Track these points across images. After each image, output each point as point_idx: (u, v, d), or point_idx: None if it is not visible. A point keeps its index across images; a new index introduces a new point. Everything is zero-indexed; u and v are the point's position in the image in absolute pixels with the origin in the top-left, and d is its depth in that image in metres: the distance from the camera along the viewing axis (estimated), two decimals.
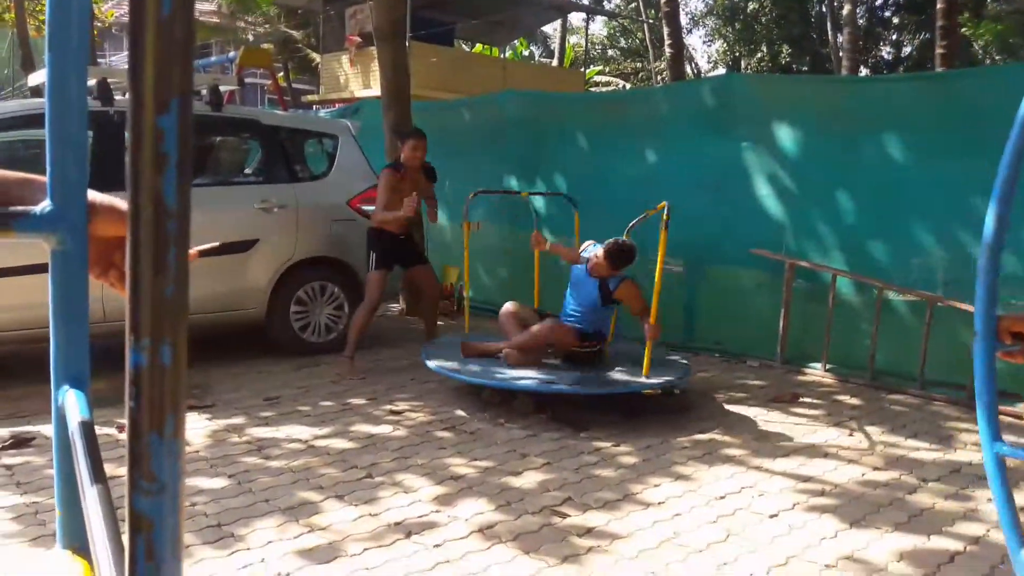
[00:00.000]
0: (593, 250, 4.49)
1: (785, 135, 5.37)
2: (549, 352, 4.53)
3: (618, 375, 4.30)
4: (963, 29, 15.40)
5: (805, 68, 24.11)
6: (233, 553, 2.57)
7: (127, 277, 0.35)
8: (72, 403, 0.81)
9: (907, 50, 23.90)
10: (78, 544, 0.87)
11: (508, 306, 4.70)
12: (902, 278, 4.80)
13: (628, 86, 23.75)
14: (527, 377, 4.16)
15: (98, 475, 0.64)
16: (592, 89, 21.18)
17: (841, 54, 15.92)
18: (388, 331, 6.37)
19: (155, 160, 0.34)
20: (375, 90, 11.23)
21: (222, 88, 5.54)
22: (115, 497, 0.61)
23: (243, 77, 12.40)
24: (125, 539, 0.39)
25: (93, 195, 0.85)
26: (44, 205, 0.81)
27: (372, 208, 5.54)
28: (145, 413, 0.36)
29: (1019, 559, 1.35)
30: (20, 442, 3.56)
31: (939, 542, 2.76)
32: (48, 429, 3.70)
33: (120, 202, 0.86)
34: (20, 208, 0.81)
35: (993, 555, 2.66)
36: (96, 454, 0.69)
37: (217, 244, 4.78)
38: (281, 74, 16.64)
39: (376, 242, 5.04)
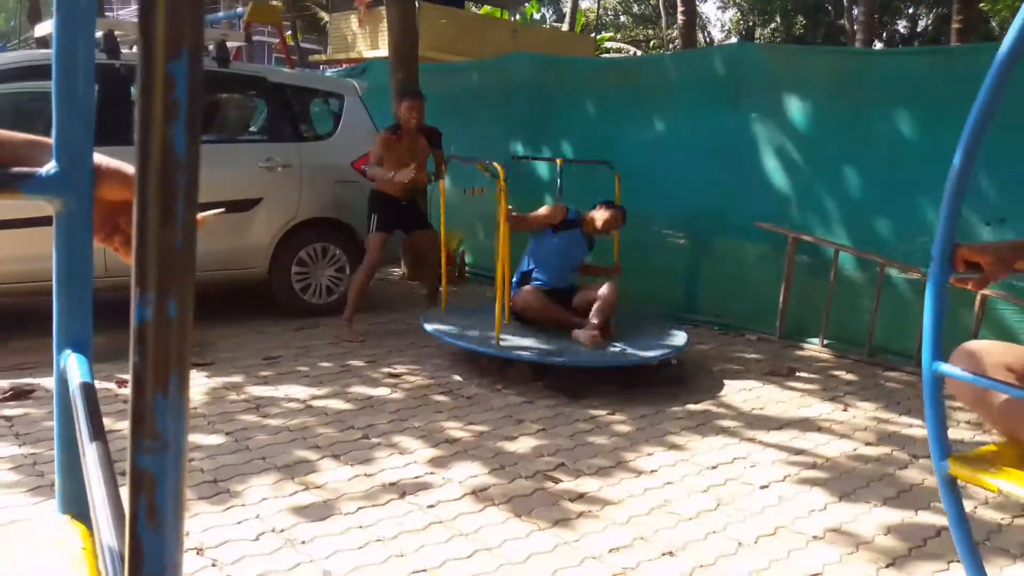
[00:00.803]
0: (575, 211, 4.60)
1: (795, 107, 5.32)
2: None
3: (617, 346, 4.31)
4: (981, 4, 15.15)
5: (819, 40, 23.78)
6: (228, 508, 2.60)
7: (134, 230, 0.34)
8: (74, 367, 0.81)
9: (923, 24, 23.54)
10: (77, 510, 0.88)
11: (532, 293, 4.53)
12: (905, 255, 4.78)
13: (639, 53, 23.46)
14: (526, 348, 4.17)
15: (99, 439, 0.65)
16: (602, 55, 20.93)
17: (856, 27, 15.69)
18: (389, 295, 6.39)
19: (165, 108, 0.33)
20: (383, 51, 11.12)
21: (229, 44, 5.50)
22: (114, 455, 0.62)
23: (251, 34, 12.26)
24: (125, 501, 0.39)
25: (99, 158, 0.84)
26: (50, 167, 0.81)
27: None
28: (149, 369, 0.35)
29: (941, 466, 1.52)
30: (20, 394, 3.60)
31: (926, 517, 2.79)
32: (49, 382, 3.74)
33: (126, 166, 0.85)
34: (26, 169, 0.81)
35: (979, 531, 2.69)
36: (97, 418, 0.69)
37: (221, 210, 4.77)
38: (289, 32, 16.46)
39: (378, 204, 5.03)
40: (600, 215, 4.53)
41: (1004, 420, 1.61)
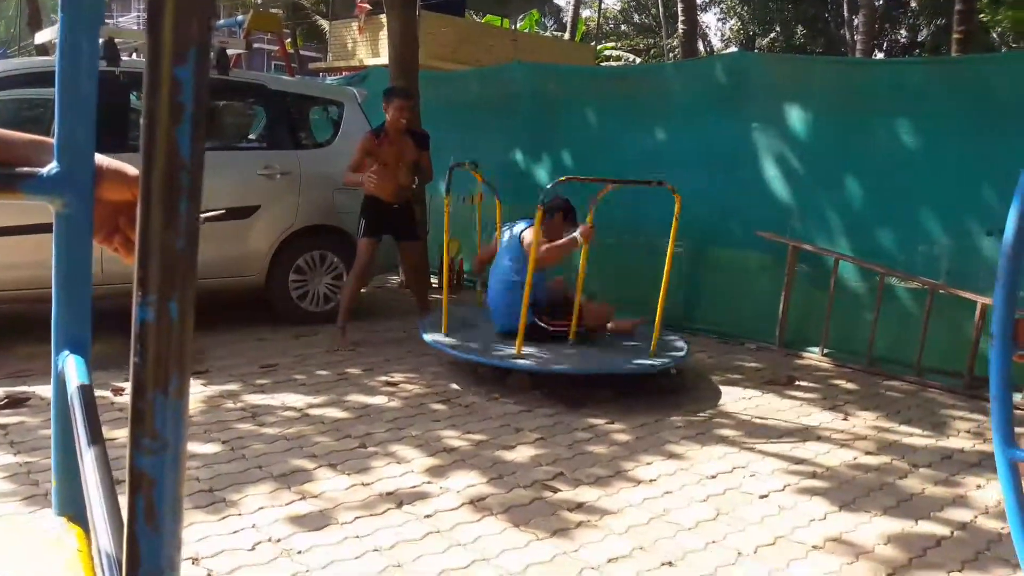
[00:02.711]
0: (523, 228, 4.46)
1: (795, 116, 5.32)
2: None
3: (615, 355, 4.30)
4: (981, 15, 15.18)
5: (819, 50, 23.85)
6: (225, 518, 2.58)
7: (137, 231, 0.34)
8: (72, 368, 0.81)
9: (923, 34, 23.61)
10: (73, 512, 0.88)
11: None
12: (906, 264, 4.77)
13: (639, 62, 23.52)
14: (524, 356, 4.16)
15: (96, 441, 0.65)
16: (603, 64, 20.98)
17: (856, 36, 15.73)
18: (386, 303, 6.38)
19: (171, 111, 0.33)
20: (383, 59, 11.14)
21: (229, 51, 5.50)
22: (112, 463, 0.61)
23: (251, 41, 12.30)
24: (123, 502, 0.39)
25: (100, 159, 0.84)
26: (51, 167, 0.81)
27: None
28: (150, 370, 0.35)
29: None
30: (15, 402, 3.58)
31: (927, 527, 2.77)
32: (44, 390, 3.72)
33: (127, 166, 0.85)
34: (27, 169, 0.81)
35: (979, 541, 2.67)
36: (95, 420, 0.69)
37: (222, 211, 4.76)
38: (289, 40, 16.51)
39: (367, 209, 5.02)
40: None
41: None
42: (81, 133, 0.82)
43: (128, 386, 0.36)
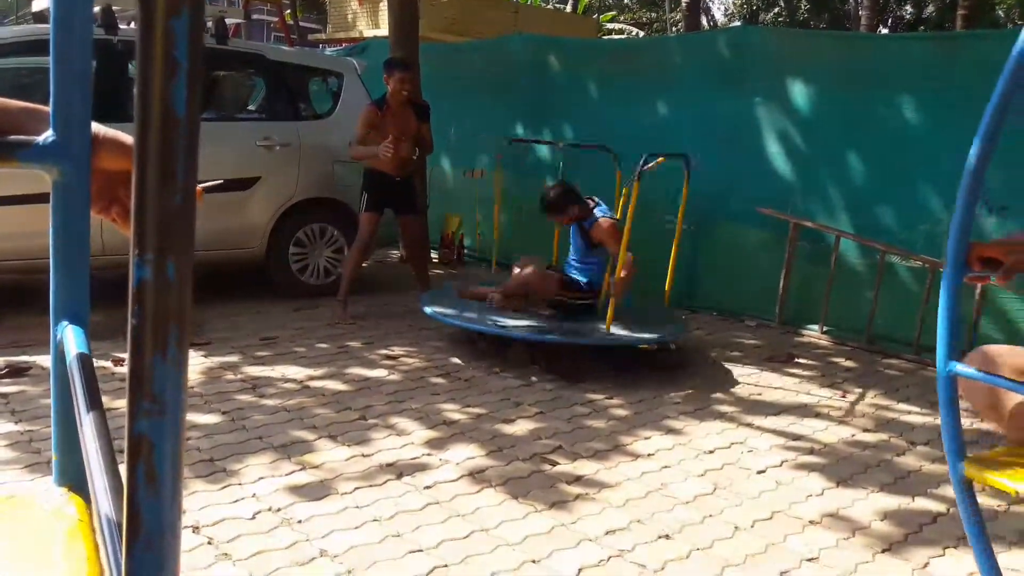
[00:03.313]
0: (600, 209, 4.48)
1: (799, 91, 5.27)
2: (543, 303, 4.51)
3: (614, 328, 4.30)
4: None
5: (823, 25, 23.61)
6: (225, 487, 2.60)
7: (132, 190, 0.34)
8: (71, 338, 0.80)
9: (929, 10, 23.37)
10: (73, 482, 0.88)
11: (524, 261, 4.64)
12: (907, 242, 4.76)
13: (642, 35, 23.29)
14: (522, 326, 4.16)
15: (96, 409, 0.64)
16: (605, 37, 20.78)
17: (861, 11, 15.57)
18: (387, 277, 6.37)
19: (165, 65, 0.33)
20: (383, 30, 11.01)
21: (228, 21, 5.44)
22: (112, 433, 0.61)
23: (250, 12, 12.16)
24: (123, 471, 0.38)
25: (97, 127, 0.83)
26: (47, 135, 0.80)
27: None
28: (148, 331, 0.35)
29: (957, 468, 1.53)
30: (16, 371, 3.59)
31: (923, 503, 2.79)
32: (45, 360, 3.72)
33: (125, 136, 0.84)
34: (22, 137, 0.80)
35: None
36: (94, 389, 0.69)
37: (220, 181, 4.74)
38: (288, 11, 16.31)
39: (369, 182, 4.99)
40: None
41: (1016, 424, 1.59)
42: (77, 101, 0.81)
43: (127, 356, 0.36)
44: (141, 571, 0.37)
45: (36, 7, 8.56)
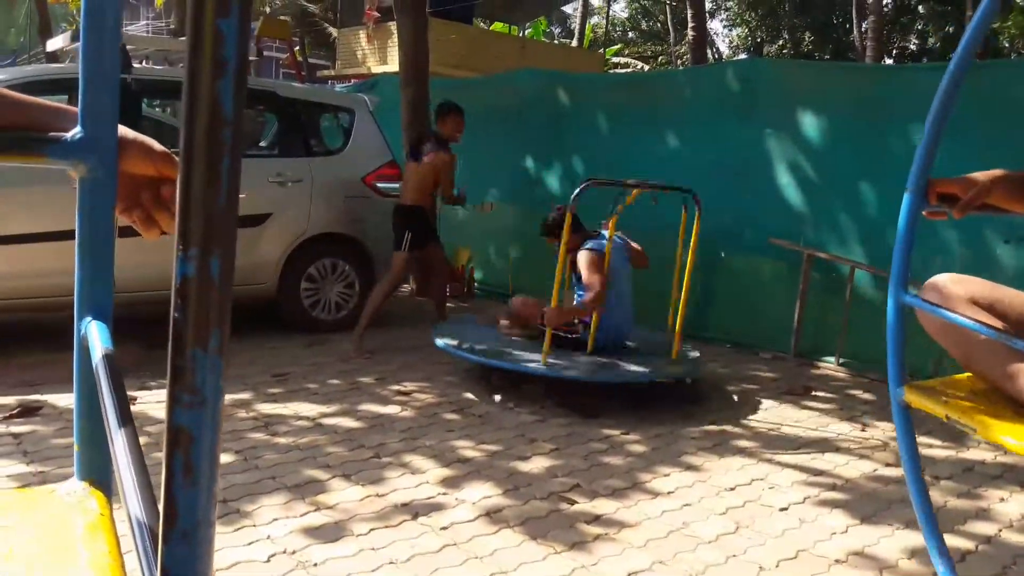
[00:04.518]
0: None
1: (809, 122, 5.28)
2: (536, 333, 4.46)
3: (629, 364, 4.26)
4: (992, 23, 15.13)
5: (827, 56, 23.80)
6: (239, 529, 2.56)
7: (178, 187, 0.34)
8: (95, 334, 0.81)
9: (932, 42, 23.55)
10: (95, 477, 0.89)
11: (517, 301, 4.72)
12: (921, 273, 4.71)
13: (647, 68, 23.51)
14: (537, 362, 4.12)
15: (122, 404, 0.65)
16: (610, 71, 20.98)
17: (866, 42, 15.68)
18: (399, 312, 6.35)
19: (213, 65, 0.33)
20: (392, 66, 11.16)
21: None
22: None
23: (261, 48, 12.35)
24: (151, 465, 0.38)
25: (125, 131, 0.85)
26: (75, 132, 0.81)
27: (388, 186, 5.52)
28: (190, 326, 0.36)
29: (896, 393, 1.56)
30: (28, 411, 3.56)
31: (950, 541, 2.71)
32: (56, 398, 3.71)
33: (153, 142, 0.85)
34: (52, 134, 0.82)
35: (1004, 555, 2.62)
36: (120, 383, 0.69)
37: (242, 195, 4.80)
38: (298, 47, 16.57)
39: (413, 222, 5.01)
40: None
41: (962, 352, 1.62)
42: (105, 99, 0.82)
43: (140, 395, 0.35)
44: (177, 565, 0.37)
45: (50, 47, 8.70)
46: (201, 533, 0.37)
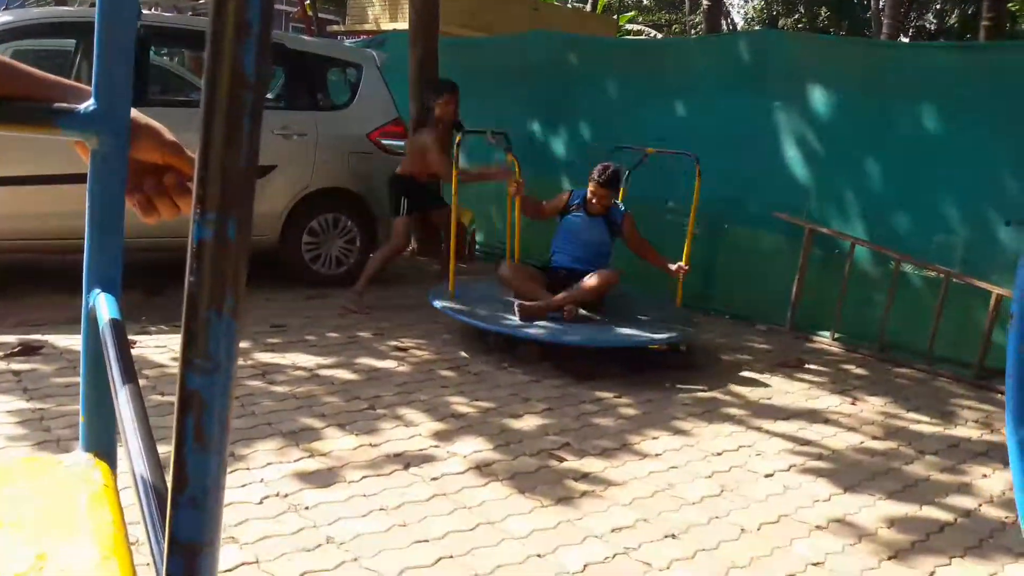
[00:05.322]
0: (579, 193, 4.53)
1: (818, 97, 5.25)
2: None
3: (624, 328, 4.29)
4: (1010, 3, 14.90)
5: (843, 32, 23.49)
6: (233, 472, 2.61)
7: (198, 149, 0.34)
8: (103, 306, 0.81)
9: (951, 21, 23.21)
10: (100, 448, 0.89)
11: (516, 267, 4.60)
12: (922, 251, 4.73)
13: (660, 36, 23.22)
14: (534, 326, 4.15)
15: (129, 375, 0.65)
16: (623, 37, 20.72)
17: (883, 19, 15.46)
18: (398, 271, 6.37)
19: (237, 28, 0.33)
20: (402, 23, 11.04)
21: None
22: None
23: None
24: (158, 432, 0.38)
25: (136, 114, 0.85)
26: (88, 104, 0.82)
27: (393, 143, 5.51)
28: (206, 289, 0.35)
29: (1019, 433, 1.37)
30: (28, 349, 3.61)
31: (930, 512, 2.77)
32: (57, 339, 3.75)
33: (165, 130, 0.86)
34: (65, 105, 0.82)
35: (982, 528, 2.67)
36: (127, 354, 0.69)
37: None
38: (309, 2, 16.35)
39: (406, 188, 5.01)
40: (589, 191, 4.46)
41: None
42: (119, 72, 0.82)
43: (140, 339, 0.36)
44: (184, 529, 0.37)
45: None
46: (211, 499, 0.37)
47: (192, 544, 0.37)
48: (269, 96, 6.06)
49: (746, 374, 4.28)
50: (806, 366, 4.52)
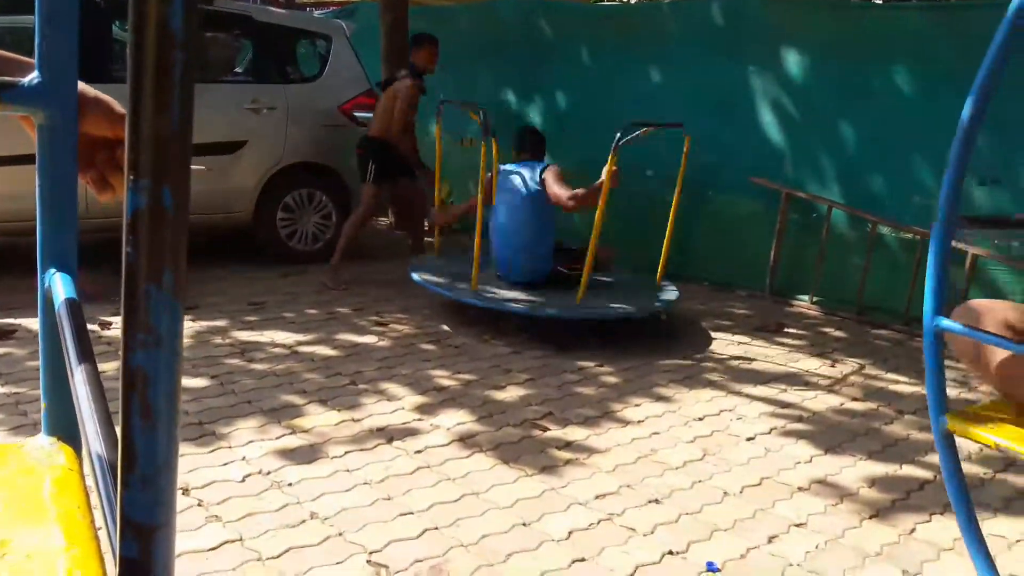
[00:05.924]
0: (507, 169, 4.51)
1: (793, 61, 5.23)
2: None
3: (605, 299, 4.29)
4: None
5: None
6: (214, 450, 2.59)
7: (127, 114, 0.32)
8: (59, 285, 0.79)
9: None
10: (63, 432, 0.87)
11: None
12: (898, 213, 4.76)
13: (635, 1, 23.03)
14: (515, 300, 4.14)
15: (86, 354, 0.63)
16: (598, 2, 20.52)
17: None
18: (376, 245, 6.32)
19: None
20: None
21: None
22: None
23: None
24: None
25: (84, 88, 0.82)
26: (32, 77, 0.78)
27: (365, 115, 5.41)
28: (143, 261, 0.33)
29: (939, 422, 1.57)
30: (2, 333, 3.54)
31: (910, 471, 2.81)
32: (31, 322, 3.68)
33: (114, 102, 0.83)
34: (7, 79, 0.78)
35: None
36: (84, 334, 0.67)
37: (203, 168, 4.71)
38: None
39: (376, 153, 4.92)
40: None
41: (1000, 376, 1.61)
42: (63, 43, 0.79)
43: (115, 320, 0.34)
44: (136, 510, 0.35)
45: None
46: (162, 478, 0.36)
47: (145, 525, 0.35)
48: (238, 70, 5.95)
49: (726, 340, 4.30)
50: (785, 330, 4.55)
